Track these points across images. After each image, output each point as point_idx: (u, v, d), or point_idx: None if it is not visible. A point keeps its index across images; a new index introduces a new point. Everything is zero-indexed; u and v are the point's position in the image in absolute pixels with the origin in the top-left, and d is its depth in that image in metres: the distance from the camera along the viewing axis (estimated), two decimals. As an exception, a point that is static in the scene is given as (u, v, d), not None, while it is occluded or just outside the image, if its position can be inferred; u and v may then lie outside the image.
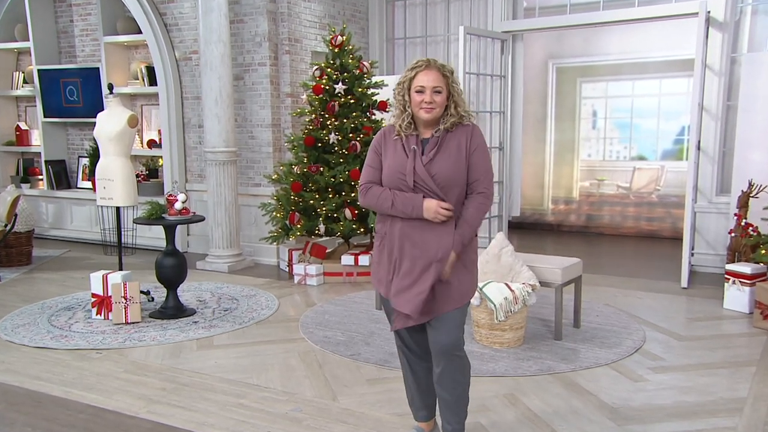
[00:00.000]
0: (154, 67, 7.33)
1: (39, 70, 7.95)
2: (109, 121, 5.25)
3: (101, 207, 6.78)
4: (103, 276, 4.80)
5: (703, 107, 6.04)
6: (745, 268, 4.95)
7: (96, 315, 4.85)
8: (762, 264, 4.92)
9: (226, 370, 3.89)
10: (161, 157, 7.51)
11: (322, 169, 5.97)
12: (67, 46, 8.14)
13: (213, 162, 6.42)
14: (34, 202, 8.14)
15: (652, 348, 4.19)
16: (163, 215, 4.86)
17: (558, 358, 3.99)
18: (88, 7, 7.87)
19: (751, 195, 5.39)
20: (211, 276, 6.28)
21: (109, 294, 4.74)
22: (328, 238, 6.34)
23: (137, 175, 6.99)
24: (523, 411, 3.29)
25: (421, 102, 2.51)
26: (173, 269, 4.92)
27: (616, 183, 8.84)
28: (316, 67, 6.13)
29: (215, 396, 3.51)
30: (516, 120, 7.50)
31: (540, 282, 4.25)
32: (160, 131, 7.53)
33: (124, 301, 4.71)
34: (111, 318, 4.75)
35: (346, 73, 6.05)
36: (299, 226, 5.97)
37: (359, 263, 5.93)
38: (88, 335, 4.50)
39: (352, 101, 6.02)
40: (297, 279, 6.03)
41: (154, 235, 7.36)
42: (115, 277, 4.79)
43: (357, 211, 5.90)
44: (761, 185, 5.41)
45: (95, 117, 5.49)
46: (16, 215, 6.55)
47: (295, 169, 6.08)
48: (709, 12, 5.91)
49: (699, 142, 5.94)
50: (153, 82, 7.43)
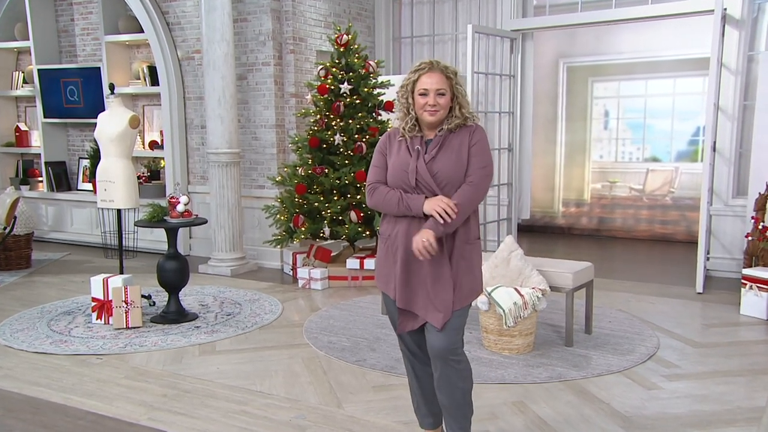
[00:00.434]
0: (156, 67, 7.36)
1: (39, 69, 8.00)
2: (110, 122, 5.28)
3: (102, 209, 6.81)
4: (104, 280, 4.82)
5: (719, 107, 6.02)
6: (763, 272, 4.92)
7: (96, 319, 4.86)
8: (780, 268, 4.90)
9: (228, 376, 3.89)
10: (163, 159, 7.54)
11: (327, 171, 5.97)
12: (68, 45, 8.19)
13: (216, 163, 6.44)
14: (33, 204, 8.18)
15: (666, 355, 4.16)
16: (165, 218, 4.88)
17: (569, 364, 3.97)
18: (89, 6, 7.91)
19: (769, 197, 5.36)
20: (214, 280, 6.29)
21: (110, 298, 4.76)
22: (333, 241, 6.34)
23: (139, 177, 7.00)
24: (533, 419, 3.27)
25: (425, 105, 2.56)
26: (175, 273, 4.92)
27: (628, 185, 8.81)
28: (321, 67, 6.15)
29: (217, 403, 3.52)
30: (526, 121, 7.49)
31: (550, 287, 4.23)
32: (162, 132, 7.56)
33: (125, 306, 4.72)
34: (111, 323, 4.76)
35: (351, 73, 6.05)
36: (303, 228, 5.98)
37: (365, 267, 5.92)
38: (88, 340, 4.51)
39: (357, 101, 6.03)
40: (301, 283, 6.03)
41: (155, 238, 7.38)
42: (116, 281, 4.81)
43: (362, 214, 5.90)
44: (779, 187, 5.38)
45: (96, 118, 5.53)
46: (15, 218, 6.59)
47: (300, 171, 6.09)
48: (726, 9, 5.88)
49: (714, 143, 5.92)
50: (155, 82, 7.46)
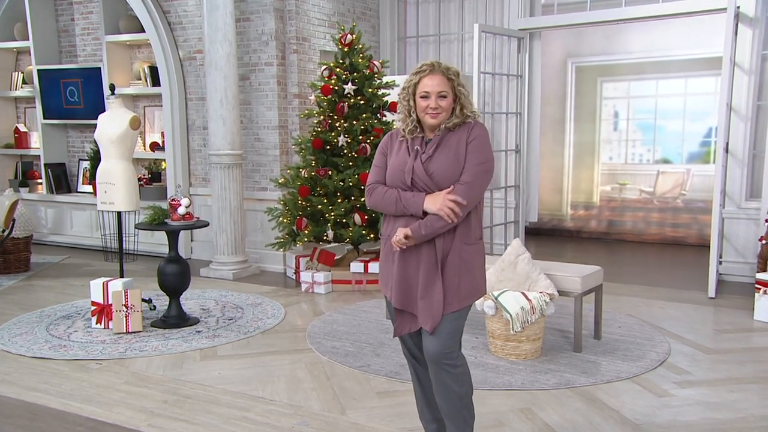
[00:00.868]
0: (157, 67, 7.38)
1: (39, 70, 8.04)
2: (111, 123, 5.29)
3: (102, 212, 6.84)
4: (104, 283, 4.83)
5: (732, 107, 6.00)
6: (776, 277, 4.90)
7: (96, 324, 4.88)
8: (794, 273, 4.87)
9: (230, 381, 3.90)
10: (164, 161, 7.56)
11: (330, 173, 5.98)
12: (68, 45, 8.23)
13: (218, 165, 6.45)
14: (32, 206, 8.21)
15: (677, 361, 4.15)
16: (166, 220, 4.89)
17: (577, 371, 3.96)
18: (89, 5, 7.95)
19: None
20: (216, 283, 6.30)
21: (110, 302, 4.77)
22: (336, 244, 6.34)
23: (139, 179, 7.04)
24: (540, 426, 3.27)
25: (427, 108, 2.58)
26: (176, 276, 4.93)
27: (638, 187, 8.78)
28: (324, 67, 6.15)
29: (219, 409, 3.52)
30: (533, 121, 7.49)
31: (558, 291, 4.22)
32: (163, 133, 7.58)
33: (125, 310, 4.73)
34: (111, 327, 4.77)
35: (355, 73, 6.06)
36: (307, 231, 5.98)
37: (369, 270, 5.92)
38: (87, 345, 4.53)
39: (362, 102, 6.04)
40: (304, 287, 6.03)
41: (156, 241, 7.40)
42: (116, 285, 4.82)
43: (367, 217, 5.90)
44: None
45: (96, 119, 5.54)
46: (14, 220, 6.61)
47: (303, 173, 6.10)
48: (739, 7, 5.87)
49: (727, 144, 5.90)
50: (156, 82, 7.49)
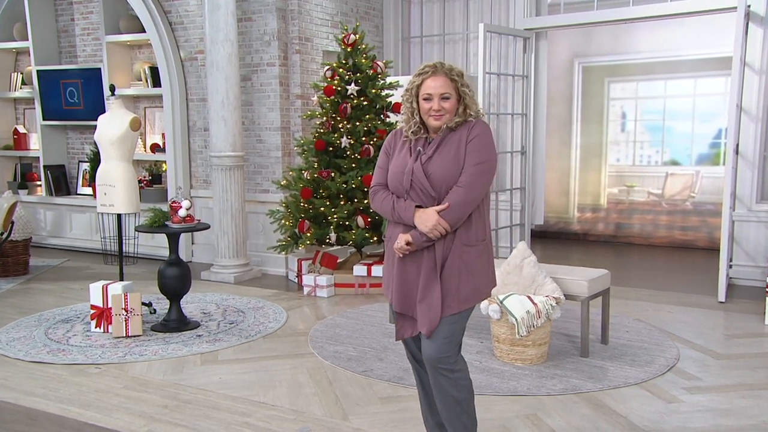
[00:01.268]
0: (157, 68, 7.40)
1: (38, 70, 8.07)
2: (111, 124, 5.31)
3: (102, 214, 6.86)
4: (103, 287, 4.84)
5: (742, 108, 5.99)
6: (788, 281, 4.88)
7: (95, 328, 4.88)
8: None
9: (231, 386, 3.90)
10: (165, 162, 7.58)
11: (333, 175, 5.98)
12: (68, 45, 8.26)
13: (219, 167, 6.46)
14: (31, 209, 8.24)
15: (686, 367, 4.13)
16: (167, 223, 4.89)
17: (584, 376, 3.95)
18: (89, 5, 7.98)
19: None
20: (217, 287, 6.31)
21: (109, 306, 4.78)
22: (339, 247, 6.34)
23: (140, 181, 7.05)
24: (547, 433, 3.26)
25: (430, 110, 2.59)
26: (176, 280, 4.94)
27: (647, 189, 8.76)
28: (327, 68, 6.16)
29: (219, 414, 3.52)
30: (539, 123, 7.48)
31: (565, 295, 4.21)
32: (163, 135, 7.60)
33: (124, 314, 4.74)
34: (111, 331, 4.78)
35: (359, 74, 6.07)
36: (309, 234, 5.99)
37: (372, 274, 5.92)
38: (86, 349, 4.53)
39: (365, 103, 6.04)
40: (306, 290, 6.04)
41: (156, 244, 7.42)
42: (116, 288, 4.83)
43: (370, 219, 5.90)
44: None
45: (96, 120, 5.56)
46: (12, 223, 6.63)
47: (305, 175, 6.10)
48: (749, 6, 5.86)
49: (737, 145, 5.88)
50: (157, 83, 7.51)
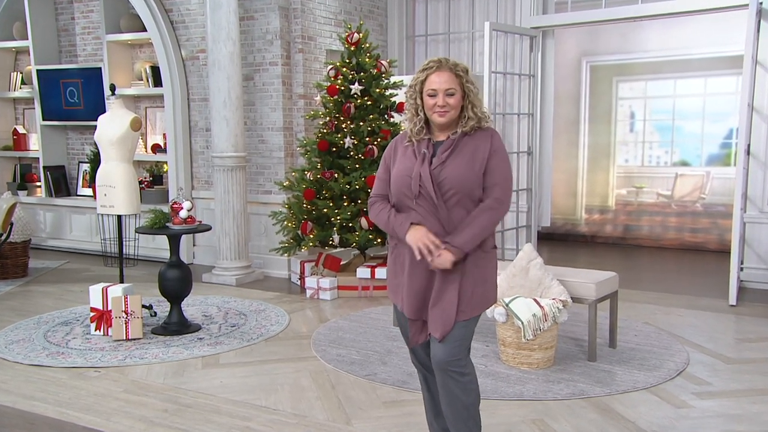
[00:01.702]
0: (159, 67, 7.42)
1: (38, 70, 8.09)
2: (111, 125, 5.32)
3: (102, 215, 6.87)
4: (103, 289, 4.85)
5: (754, 108, 5.97)
6: (800, 283, 4.86)
7: (95, 330, 4.89)
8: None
9: (232, 390, 3.90)
10: (166, 163, 7.59)
11: (336, 176, 5.98)
12: (68, 45, 8.29)
13: (221, 168, 6.47)
14: (31, 210, 8.27)
15: (696, 371, 4.12)
16: (167, 224, 4.90)
17: (592, 380, 3.94)
18: (89, 4, 8.01)
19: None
20: (218, 289, 6.31)
21: (109, 308, 4.78)
22: (342, 249, 6.34)
23: (140, 182, 7.07)
24: (554, 438, 3.25)
25: (434, 106, 2.55)
26: (177, 282, 4.95)
27: (656, 191, 8.75)
28: (330, 67, 6.17)
29: (220, 418, 3.52)
30: (546, 123, 7.47)
31: (572, 298, 4.20)
32: (164, 135, 7.62)
33: (124, 316, 4.74)
34: (111, 334, 4.79)
35: (362, 73, 6.07)
36: (312, 236, 5.99)
37: (376, 276, 5.92)
38: (86, 352, 4.54)
39: (369, 103, 6.05)
40: (309, 293, 6.04)
41: (157, 246, 7.43)
42: (116, 290, 4.83)
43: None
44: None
45: (97, 120, 5.57)
46: (12, 224, 6.65)
47: (308, 176, 6.11)
48: (761, 3, 5.83)
49: (748, 146, 5.87)
50: (158, 82, 7.52)
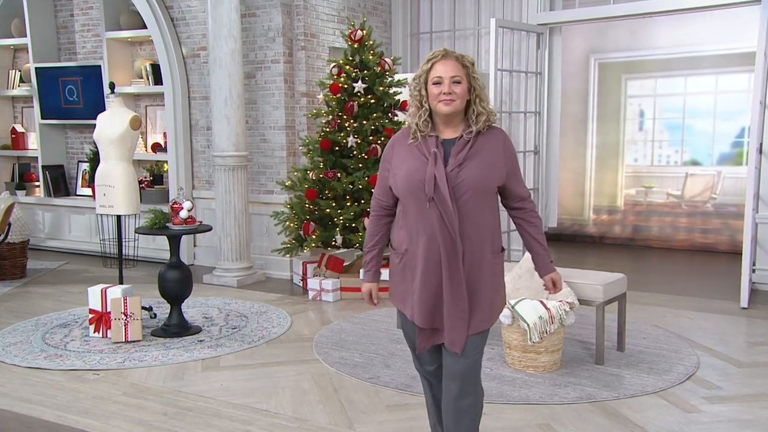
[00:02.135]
0: (159, 65, 7.43)
1: (37, 68, 8.11)
2: (110, 123, 5.33)
3: (101, 216, 6.88)
4: (102, 290, 4.86)
5: (766, 105, 5.94)
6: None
7: (94, 333, 4.90)
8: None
9: (232, 393, 3.90)
10: (166, 162, 7.61)
11: (339, 175, 5.99)
12: (67, 42, 8.31)
13: (222, 167, 6.48)
14: (29, 210, 8.29)
15: (706, 375, 4.11)
16: (167, 225, 4.91)
17: (599, 384, 3.93)
18: (89, 1, 8.02)
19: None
20: (219, 291, 6.32)
21: (108, 310, 4.79)
22: (345, 250, 6.34)
23: (140, 182, 7.08)
24: (560, 443, 3.24)
25: (439, 94, 2.48)
26: (177, 283, 4.95)
27: (666, 191, 8.72)
28: (333, 64, 6.17)
29: (220, 422, 3.52)
30: (553, 121, 7.46)
31: (579, 300, 4.20)
32: (165, 134, 7.63)
33: (124, 318, 4.75)
34: (110, 336, 4.80)
35: (366, 71, 6.07)
36: (314, 236, 5.99)
37: (380, 278, 5.90)
38: (84, 355, 4.55)
39: (372, 101, 6.05)
40: (311, 294, 6.04)
41: (157, 247, 7.44)
42: (115, 292, 4.84)
43: (377, 221, 5.89)
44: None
45: (96, 119, 5.58)
46: (10, 224, 6.66)
47: (311, 175, 6.11)
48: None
49: (761, 144, 5.84)
50: (158, 80, 7.54)
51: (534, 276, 4.22)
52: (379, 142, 6.00)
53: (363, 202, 5.97)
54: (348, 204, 5.99)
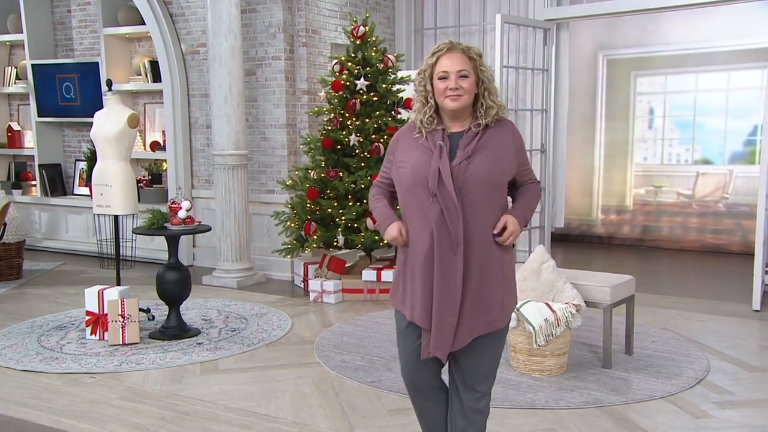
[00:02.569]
0: (158, 62, 7.45)
1: (33, 65, 8.13)
2: (108, 121, 5.34)
3: (98, 215, 6.89)
4: (99, 292, 4.87)
5: (778, 103, 5.93)
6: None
7: (90, 335, 4.91)
8: None
9: (231, 397, 3.91)
10: (165, 161, 7.62)
11: (341, 174, 5.99)
12: (64, 38, 8.33)
13: (221, 166, 6.49)
14: (25, 209, 8.31)
15: (717, 379, 4.10)
16: (166, 225, 4.91)
17: (607, 389, 3.93)
18: (87, -4, 8.05)
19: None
20: (218, 292, 6.33)
21: (105, 312, 4.80)
22: (347, 250, 6.35)
23: (138, 181, 7.10)
24: (566, 449, 3.24)
25: (446, 89, 2.42)
26: (176, 285, 4.96)
27: (676, 190, 8.70)
28: (335, 61, 6.18)
29: (219, 426, 3.53)
30: (560, 119, 7.45)
31: (586, 302, 4.19)
32: (164, 132, 7.64)
33: (121, 320, 4.76)
34: (107, 338, 4.81)
35: (368, 68, 6.08)
36: (316, 237, 5.99)
37: (382, 279, 5.91)
38: (81, 357, 4.56)
39: (375, 99, 6.05)
40: (313, 296, 6.04)
41: (155, 247, 7.45)
42: (112, 293, 4.85)
43: (380, 221, 5.90)
44: None
45: (93, 116, 5.59)
46: (5, 224, 6.69)
47: (312, 174, 6.12)
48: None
49: (772, 143, 5.82)
50: (157, 78, 7.55)
51: (540, 277, 4.23)
52: (382, 140, 6.00)
53: (365, 201, 5.97)
54: (350, 204, 5.99)
